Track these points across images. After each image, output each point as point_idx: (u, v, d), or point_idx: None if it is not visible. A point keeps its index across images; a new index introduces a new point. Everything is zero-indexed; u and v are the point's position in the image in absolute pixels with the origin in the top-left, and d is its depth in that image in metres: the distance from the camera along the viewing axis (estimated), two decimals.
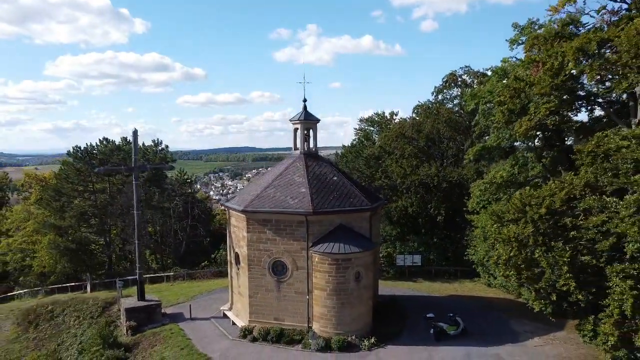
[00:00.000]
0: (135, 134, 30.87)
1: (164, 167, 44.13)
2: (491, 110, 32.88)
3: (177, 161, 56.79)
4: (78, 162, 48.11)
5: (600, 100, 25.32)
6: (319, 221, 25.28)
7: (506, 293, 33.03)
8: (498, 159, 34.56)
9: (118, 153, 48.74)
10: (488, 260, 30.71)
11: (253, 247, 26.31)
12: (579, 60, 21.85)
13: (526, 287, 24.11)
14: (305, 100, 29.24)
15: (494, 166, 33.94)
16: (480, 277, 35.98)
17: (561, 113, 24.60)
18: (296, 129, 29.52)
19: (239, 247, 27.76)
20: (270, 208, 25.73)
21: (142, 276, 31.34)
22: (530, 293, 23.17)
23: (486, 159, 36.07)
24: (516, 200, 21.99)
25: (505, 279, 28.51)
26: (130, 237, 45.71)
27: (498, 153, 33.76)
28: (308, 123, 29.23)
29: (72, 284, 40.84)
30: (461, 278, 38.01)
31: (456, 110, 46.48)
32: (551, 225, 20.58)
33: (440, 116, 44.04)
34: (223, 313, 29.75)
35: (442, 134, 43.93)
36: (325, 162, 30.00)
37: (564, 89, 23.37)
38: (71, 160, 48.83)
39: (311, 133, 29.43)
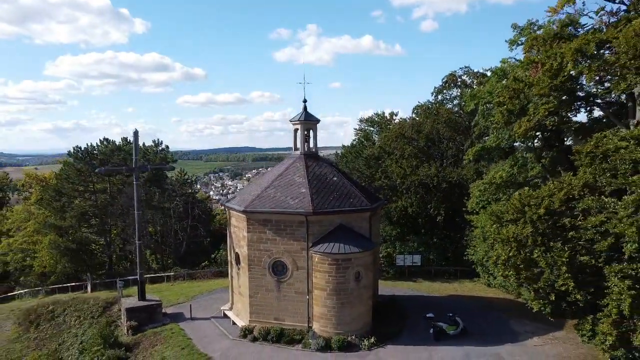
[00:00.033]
0: (136, 135, 30.94)
1: (165, 168, 44.17)
2: (490, 110, 32.95)
3: (177, 161, 56.85)
4: (79, 163, 48.24)
5: (599, 101, 25.38)
6: (319, 221, 25.37)
7: (506, 293, 33.10)
8: (497, 160, 34.59)
9: (118, 153, 48.84)
10: (487, 260, 30.79)
11: (253, 247, 26.40)
12: (578, 61, 21.93)
13: (525, 287, 24.19)
14: (305, 100, 29.34)
15: (494, 166, 33.98)
16: (480, 277, 36.08)
17: (560, 114, 24.66)
18: (296, 130, 29.61)
19: (240, 247, 27.85)
20: (270, 208, 25.83)
21: (143, 276, 31.40)
22: (529, 293, 23.27)
23: (486, 160, 36.12)
24: (515, 200, 22.05)
25: (504, 279, 28.60)
26: (130, 237, 45.81)
27: (497, 153, 33.81)
28: (308, 123, 29.34)
29: (73, 284, 40.90)
30: (461, 278, 38.11)
31: (456, 110, 46.51)
32: (550, 225, 20.65)
33: (440, 116, 44.12)
34: (223, 313, 29.85)
35: (442, 135, 43.98)
36: (325, 163, 30.10)
37: (563, 90, 23.42)
38: (72, 160, 48.97)
39: (311, 133, 29.54)
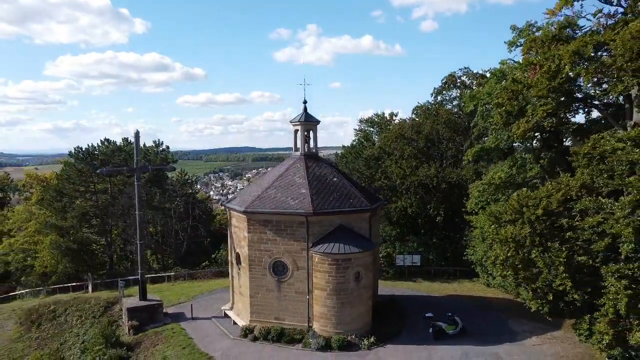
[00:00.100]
0: (137, 135, 31.07)
1: (166, 168, 44.30)
2: (489, 111, 33.11)
3: (178, 161, 56.98)
4: (79, 163, 48.44)
5: (596, 102, 25.58)
6: (319, 222, 25.54)
7: (505, 293, 33.26)
8: (497, 160, 34.76)
9: (119, 154, 49.00)
10: (486, 260, 30.97)
11: (254, 248, 26.57)
12: (576, 63, 22.11)
13: (523, 287, 24.36)
14: (305, 102, 29.51)
15: (493, 167, 34.15)
16: (479, 277, 36.24)
17: (558, 115, 24.84)
18: (296, 131, 29.78)
19: (240, 248, 28.03)
20: (271, 209, 25.98)
21: (144, 276, 31.55)
22: (527, 293, 23.42)
23: (485, 160, 36.29)
24: (513, 201, 22.23)
25: (502, 279, 28.78)
26: (131, 238, 45.98)
27: (497, 154, 33.97)
28: (308, 124, 29.51)
29: (74, 284, 41.02)
30: (460, 278, 38.26)
31: (455, 111, 46.70)
32: (548, 226, 20.84)
33: (439, 117, 44.30)
34: (224, 313, 30.02)
35: (442, 135, 44.16)
36: (325, 163, 30.27)
37: (561, 92, 23.60)
38: (73, 160, 49.16)
39: (311, 134, 29.71)
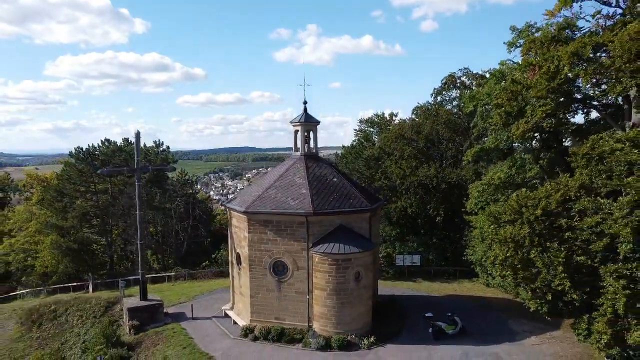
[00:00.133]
0: (137, 136, 31.17)
1: (167, 169, 44.42)
2: (489, 112, 33.18)
3: (178, 161, 57.06)
4: (80, 163, 48.55)
5: (595, 103, 25.66)
6: (319, 222, 25.63)
7: (504, 293, 33.34)
8: (496, 160, 34.85)
9: (120, 154, 49.11)
10: (486, 260, 31.05)
11: (254, 248, 26.67)
12: (575, 64, 22.20)
13: (523, 287, 24.47)
14: (305, 102, 29.60)
15: (492, 167, 34.24)
16: (478, 277, 36.32)
17: (557, 116, 24.92)
18: (296, 131, 29.86)
19: (240, 248, 28.12)
20: (271, 209, 26.07)
21: (145, 276, 31.68)
22: (526, 293, 23.53)
23: (485, 160, 36.37)
24: (513, 201, 22.33)
25: (502, 279, 28.86)
26: (131, 238, 46.06)
27: (496, 154, 34.06)
28: (308, 125, 29.60)
29: (74, 284, 41.15)
30: (460, 278, 38.34)
31: (455, 111, 46.78)
32: (547, 226, 20.94)
33: (439, 117, 44.37)
34: (224, 312, 30.12)
35: (441, 135, 44.24)
36: (325, 164, 30.35)
37: (560, 92, 23.68)
38: (73, 161, 49.28)
39: (311, 135, 29.81)
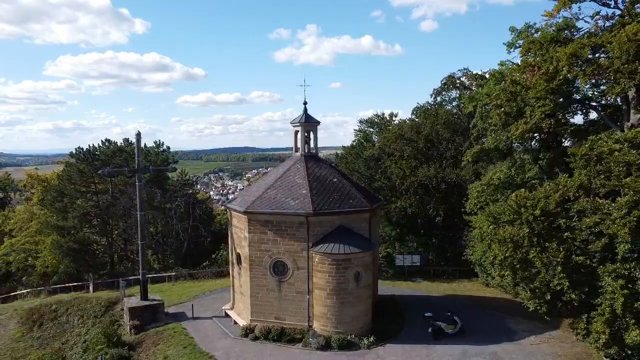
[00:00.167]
0: (138, 136, 31.29)
1: (167, 169, 44.51)
2: (489, 112, 33.27)
3: (178, 162, 57.12)
4: (80, 163, 48.60)
5: (594, 103, 25.79)
6: (319, 222, 25.71)
7: (504, 293, 33.40)
8: (496, 161, 34.94)
9: (120, 154, 49.12)
10: (485, 260, 31.15)
11: (254, 248, 26.75)
12: (573, 65, 22.31)
13: (522, 287, 24.56)
14: (305, 103, 29.67)
15: (492, 168, 34.33)
16: (478, 277, 36.38)
17: (557, 116, 25.06)
18: (297, 132, 29.97)
19: (241, 248, 28.22)
20: (271, 209, 26.16)
21: (145, 276, 31.77)
22: (525, 292, 23.63)
23: (484, 161, 36.46)
24: (511, 201, 22.41)
25: (501, 279, 28.94)
26: (132, 238, 46.16)
27: (496, 155, 34.16)
28: (308, 125, 29.70)
29: (75, 284, 41.28)
30: (460, 278, 38.36)
31: (455, 112, 46.89)
32: (546, 226, 21.02)
33: (439, 118, 44.47)
34: (225, 312, 30.21)
35: (441, 136, 44.31)
36: (325, 164, 30.48)
37: (559, 93, 23.83)
38: (74, 161, 49.36)
39: (311, 135, 29.90)
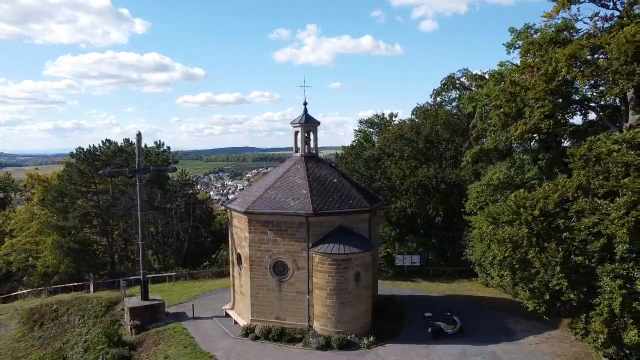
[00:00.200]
0: (139, 137, 31.37)
1: (168, 170, 44.62)
2: (488, 113, 33.37)
3: (178, 162, 57.20)
4: (81, 164, 48.70)
5: (593, 104, 25.88)
6: (319, 222, 25.80)
7: (503, 293, 33.50)
8: (495, 161, 35.02)
9: (120, 154, 49.22)
10: (485, 260, 31.23)
11: (254, 248, 26.84)
12: (572, 66, 22.39)
13: (521, 287, 24.66)
14: (305, 103, 29.74)
15: (491, 168, 34.42)
16: (477, 277, 36.49)
17: (556, 117, 25.14)
18: (297, 132, 30.05)
19: (241, 248, 28.30)
20: (271, 209, 26.25)
21: (146, 276, 31.85)
22: (525, 292, 23.72)
23: (484, 161, 36.55)
24: (511, 202, 22.49)
25: (500, 279, 29.03)
26: (132, 238, 46.24)
27: (495, 155, 34.25)
28: (308, 126, 29.77)
29: (75, 284, 41.36)
30: (459, 278, 38.46)
31: (454, 112, 46.98)
32: (545, 226, 21.09)
33: (438, 118, 44.59)
34: (225, 312, 30.29)
35: (441, 136, 44.43)
36: (325, 164, 30.55)
37: (558, 94, 23.92)
38: (74, 161, 49.46)
39: (311, 135, 29.97)
